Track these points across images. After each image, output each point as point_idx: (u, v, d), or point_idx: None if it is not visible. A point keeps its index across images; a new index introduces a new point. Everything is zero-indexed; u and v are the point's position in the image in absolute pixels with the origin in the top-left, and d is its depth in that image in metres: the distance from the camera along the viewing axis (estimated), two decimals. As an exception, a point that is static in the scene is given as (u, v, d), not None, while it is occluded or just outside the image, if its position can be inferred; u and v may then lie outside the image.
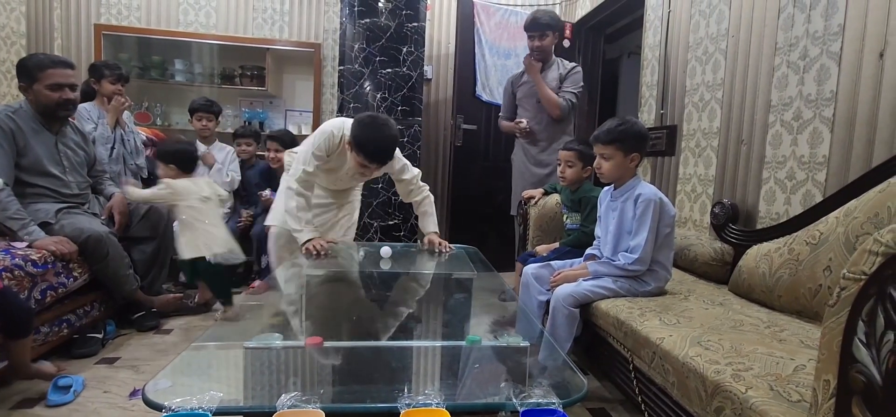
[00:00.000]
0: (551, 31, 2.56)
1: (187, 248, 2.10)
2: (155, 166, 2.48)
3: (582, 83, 2.62)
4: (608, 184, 1.70)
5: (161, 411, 0.64)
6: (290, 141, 2.87)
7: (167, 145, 2.36)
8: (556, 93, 2.54)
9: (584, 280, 1.59)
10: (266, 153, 2.92)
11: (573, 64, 2.66)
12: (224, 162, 3.02)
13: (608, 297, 1.52)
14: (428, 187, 2.07)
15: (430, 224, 2.03)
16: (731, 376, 0.97)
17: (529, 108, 2.65)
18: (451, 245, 2.00)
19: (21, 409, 1.46)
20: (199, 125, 2.96)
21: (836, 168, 1.49)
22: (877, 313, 0.66)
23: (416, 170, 2.04)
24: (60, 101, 1.89)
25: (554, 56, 2.64)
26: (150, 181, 2.63)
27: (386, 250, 1.91)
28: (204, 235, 2.11)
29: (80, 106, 2.60)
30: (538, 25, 2.54)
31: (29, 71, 1.86)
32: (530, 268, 1.81)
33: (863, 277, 0.69)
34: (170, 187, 2.12)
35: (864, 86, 1.40)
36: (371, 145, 1.68)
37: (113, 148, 2.49)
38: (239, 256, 2.24)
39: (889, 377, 0.64)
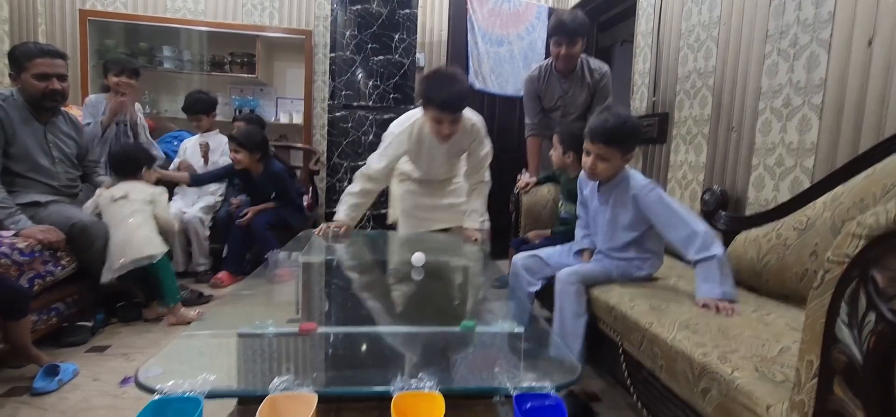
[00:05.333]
0: (581, 37, 2.25)
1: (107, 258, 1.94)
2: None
3: (611, 92, 2.39)
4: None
5: (153, 394, 0.64)
6: (250, 143, 2.63)
7: (113, 148, 2.33)
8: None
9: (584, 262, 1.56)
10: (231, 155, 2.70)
11: (602, 68, 2.37)
12: (215, 149, 2.98)
13: (605, 283, 1.50)
14: (489, 173, 2.08)
15: (472, 217, 2.02)
16: (717, 358, 0.98)
17: (559, 121, 2.36)
18: (480, 236, 1.97)
19: (11, 398, 1.45)
20: (196, 122, 2.96)
21: (824, 154, 1.51)
22: (859, 294, 0.67)
23: (490, 153, 2.02)
24: (47, 92, 1.85)
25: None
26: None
27: (418, 257, 1.58)
28: (117, 243, 1.95)
29: (92, 96, 2.62)
30: (566, 31, 2.21)
31: (17, 60, 1.83)
32: (519, 260, 1.78)
33: (846, 260, 0.70)
34: (95, 198, 2.06)
35: (852, 73, 1.42)
36: (438, 93, 1.67)
37: (108, 144, 2.46)
38: (148, 257, 1.99)
39: (870, 356, 0.66)
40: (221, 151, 2.98)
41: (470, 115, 1.90)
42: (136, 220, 2.01)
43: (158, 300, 2.10)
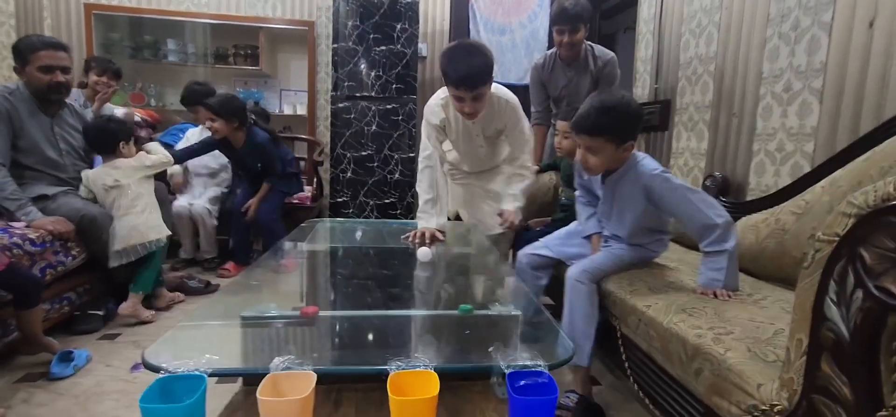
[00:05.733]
0: (583, 23, 2.23)
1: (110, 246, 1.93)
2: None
3: (618, 76, 2.34)
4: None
5: (159, 372, 0.67)
6: (225, 110, 2.50)
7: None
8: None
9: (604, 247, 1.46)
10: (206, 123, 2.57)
11: (606, 55, 2.34)
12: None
13: (620, 271, 1.42)
14: (532, 168, 1.93)
15: (509, 200, 1.84)
16: (711, 339, 1.00)
17: (566, 111, 2.29)
18: (516, 223, 1.80)
19: (25, 383, 1.50)
20: (196, 116, 2.91)
21: (824, 139, 1.50)
22: (847, 272, 0.69)
23: (529, 140, 1.89)
24: (51, 84, 1.87)
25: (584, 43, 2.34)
26: None
27: (424, 252, 1.58)
28: (117, 228, 1.94)
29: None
30: (568, 18, 2.20)
31: (21, 53, 1.85)
32: (523, 258, 1.68)
33: (836, 238, 0.71)
34: (85, 183, 1.98)
35: (853, 56, 1.41)
36: (454, 68, 1.53)
37: None
38: (155, 242, 2.02)
39: (856, 333, 0.67)
40: None
41: (502, 93, 1.78)
42: (140, 205, 2.01)
43: (132, 289, 2.01)
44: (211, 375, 0.68)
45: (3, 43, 3.22)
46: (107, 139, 2.04)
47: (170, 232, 2.14)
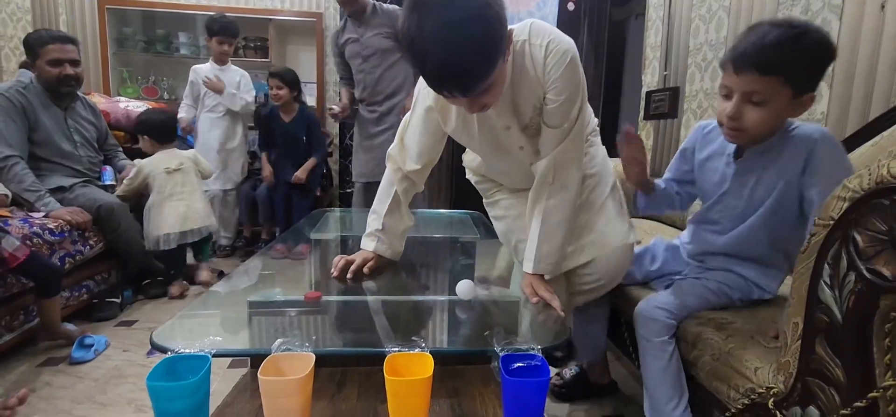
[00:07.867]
0: None
1: (154, 228, 2.09)
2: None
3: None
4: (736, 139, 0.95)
5: (166, 353, 0.70)
6: (294, 79, 2.79)
7: (147, 114, 2.30)
8: None
9: (679, 279, 1.13)
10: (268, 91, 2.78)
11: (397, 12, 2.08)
12: (239, 87, 2.87)
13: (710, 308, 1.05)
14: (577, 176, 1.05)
15: (528, 257, 1.06)
16: (713, 328, 1.00)
17: (362, 68, 2.32)
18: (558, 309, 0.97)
19: (48, 366, 1.56)
20: (219, 49, 2.82)
21: (833, 124, 1.48)
22: (841, 256, 0.69)
23: (586, 121, 1.05)
24: (61, 77, 1.92)
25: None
26: None
27: (465, 288, 1.04)
28: (171, 210, 2.09)
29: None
30: None
31: (31, 47, 1.90)
32: (648, 317, 1.06)
33: (831, 222, 0.71)
34: (139, 171, 2.12)
35: (864, 39, 1.38)
36: (423, 55, 0.78)
37: None
38: (207, 227, 2.25)
39: (849, 316, 0.67)
40: (238, 86, 2.86)
41: (539, 37, 0.93)
42: (198, 192, 2.20)
43: (201, 260, 2.36)
44: (215, 355, 0.71)
45: (19, 37, 3.30)
46: (167, 130, 2.25)
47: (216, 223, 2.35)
